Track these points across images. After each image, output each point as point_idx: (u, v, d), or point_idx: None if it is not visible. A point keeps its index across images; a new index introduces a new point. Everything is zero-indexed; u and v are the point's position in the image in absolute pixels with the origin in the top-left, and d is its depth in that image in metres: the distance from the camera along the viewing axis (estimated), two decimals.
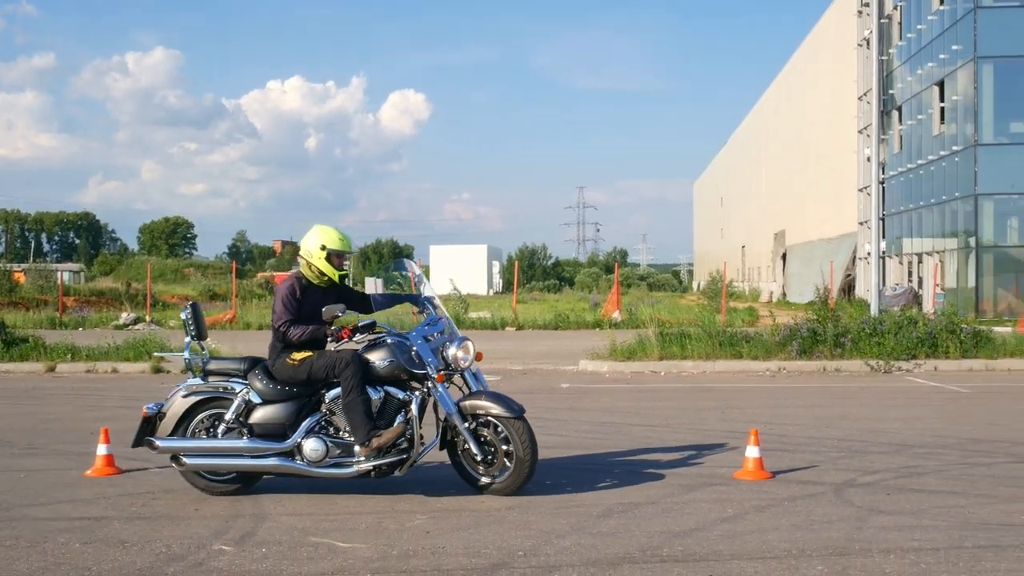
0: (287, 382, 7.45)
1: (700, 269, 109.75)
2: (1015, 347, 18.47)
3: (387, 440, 7.17)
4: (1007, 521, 6.58)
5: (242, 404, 7.48)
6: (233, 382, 7.59)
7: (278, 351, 7.53)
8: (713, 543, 6.08)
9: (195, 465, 7.44)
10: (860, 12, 47.22)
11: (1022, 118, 35.46)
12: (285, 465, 7.35)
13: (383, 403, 7.34)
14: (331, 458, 7.31)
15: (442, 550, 5.99)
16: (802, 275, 54.98)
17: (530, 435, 7.30)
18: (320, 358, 7.37)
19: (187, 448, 7.45)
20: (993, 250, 35.30)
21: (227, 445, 7.41)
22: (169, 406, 7.63)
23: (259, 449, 7.37)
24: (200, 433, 7.62)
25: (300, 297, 7.59)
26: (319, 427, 7.41)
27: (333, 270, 7.71)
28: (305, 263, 7.76)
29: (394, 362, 7.36)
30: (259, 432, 7.43)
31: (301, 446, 7.33)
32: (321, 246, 7.67)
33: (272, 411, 7.44)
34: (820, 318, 19.09)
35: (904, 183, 42.91)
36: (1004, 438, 10.07)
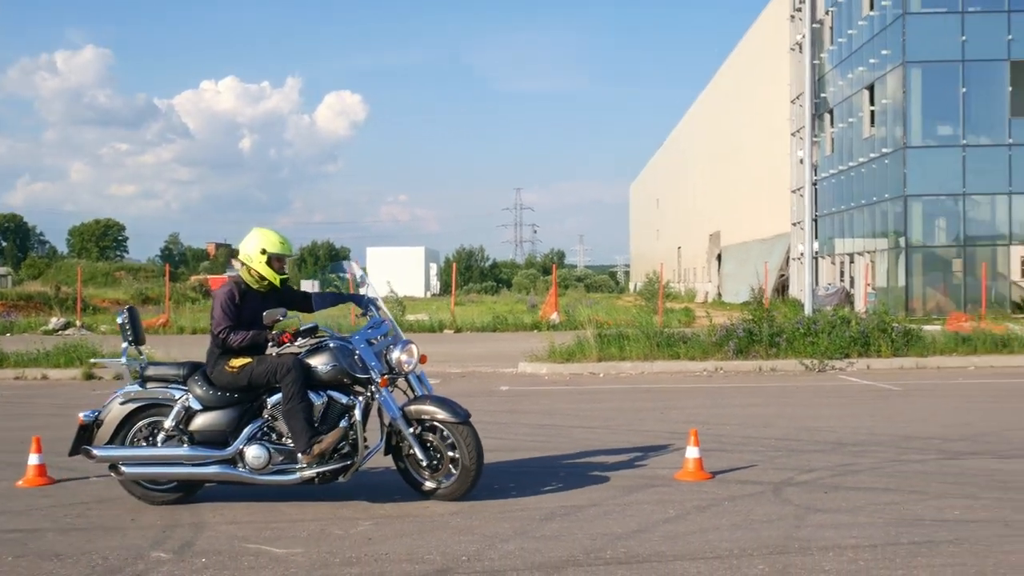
0: (227, 388, 7.34)
1: (637, 270, 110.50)
2: (944, 345, 18.85)
3: (328, 445, 7.09)
4: (940, 517, 6.71)
5: (182, 411, 7.36)
6: (172, 388, 7.46)
7: (217, 357, 7.41)
8: (655, 544, 6.12)
9: (134, 474, 7.31)
10: (792, 17, 47.93)
11: (949, 121, 36.20)
12: (227, 473, 7.24)
13: (326, 408, 7.25)
14: (274, 465, 7.21)
15: (385, 556, 5.96)
16: (737, 275, 55.65)
17: (476, 440, 7.25)
18: (260, 364, 7.27)
19: (126, 456, 7.31)
20: (922, 250, 36.00)
21: (167, 453, 7.28)
22: (106, 413, 7.47)
23: (200, 457, 7.25)
24: (139, 441, 7.48)
25: (239, 302, 7.48)
26: (261, 433, 7.32)
27: (274, 274, 7.61)
28: (244, 267, 7.65)
29: (336, 366, 7.27)
30: (200, 439, 7.31)
31: (243, 453, 7.22)
32: (261, 250, 7.57)
33: (213, 418, 7.33)
34: (756, 318, 19.31)
35: (836, 185, 43.61)
36: (935, 435, 10.27)
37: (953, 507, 6.99)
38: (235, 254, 7.73)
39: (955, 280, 35.79)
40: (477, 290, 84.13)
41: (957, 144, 35.51)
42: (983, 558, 5.70)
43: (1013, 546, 5.94)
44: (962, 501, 7.17)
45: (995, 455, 9.07)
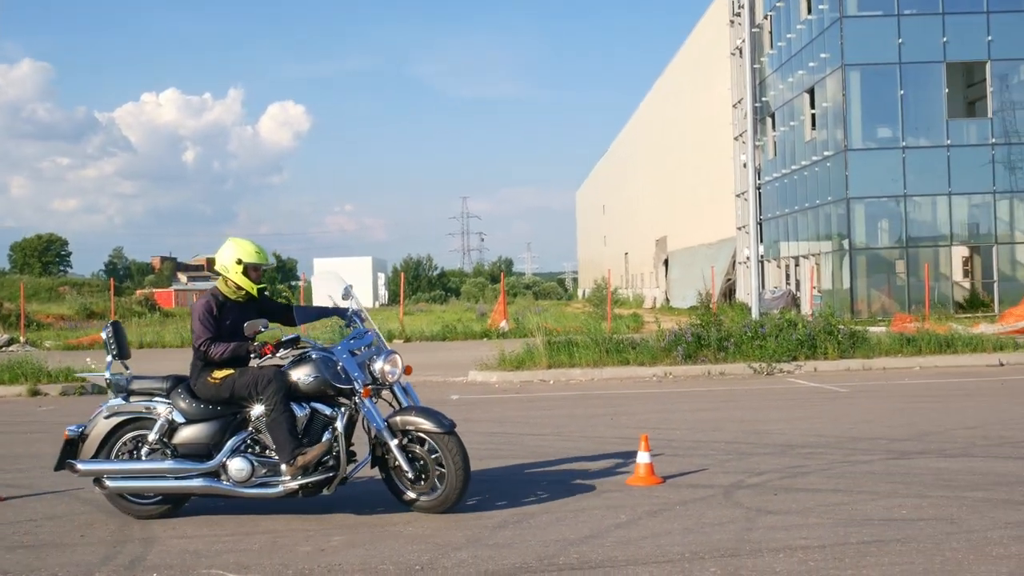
0: (210, 400, 7.29)
1: (585, 277, 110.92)
2: (889, 346, 19.12)
3: (312, 458, 7.01)
4: (888, 516, 6.80)
5: (165, 424, 7.31)
6: (156, 402, 7.41)
7: (199, 369, 7.35)
8: (608, 549, 6.15)
9: (118, 488, 7.26)
10: (732, 21, 48.44)
11: (888, 123, 36.81)
12: (210, 486, 7.17)
13: (309, 420, 7.18)
14: (257, 477, 7.14)
15: (338, 567, 5.93)
16: (684, 280, 56.07)
17: (462, 450, 7.14)
18: (242, 376, 7.21)
19: (109, 470, 7.26)
20: (866, 252, 36.52)
21: (150, 467, 7.22)
22: (91, 428, 7.43)
23: (183, 470, 7.19)
24: (124, 455, 7.43)
25: (218, 314, 7.41)
26: (245, 446, 7.25)
27: (250, 283, 7.55)
28: (221, 279, 7.60)
29: (319, 378, 7.20)
30: (183, 452, 7.26)
31: (226, 466, 7.15)
32: (237, 259, 7.51)
33: (196, 431, 7.28)
34: (704, 323, 19.47)
35: (779, 188, 44.11)
36: (882, 435, 10.41)
37: (901, 506, 7.10)
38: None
39: (899, 281, 36.34)
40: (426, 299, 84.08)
41: (897, 146, 36.11)
42: (930, 556, 5.79)
43: (959, 544, 6.04)
44: (910, 500, 7.28)
45: (941, 454, 9.22)
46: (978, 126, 36.88)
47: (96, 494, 7.67)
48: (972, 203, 36.62)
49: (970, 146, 36.17)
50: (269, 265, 7.79)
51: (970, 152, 35.97)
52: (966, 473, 8.24)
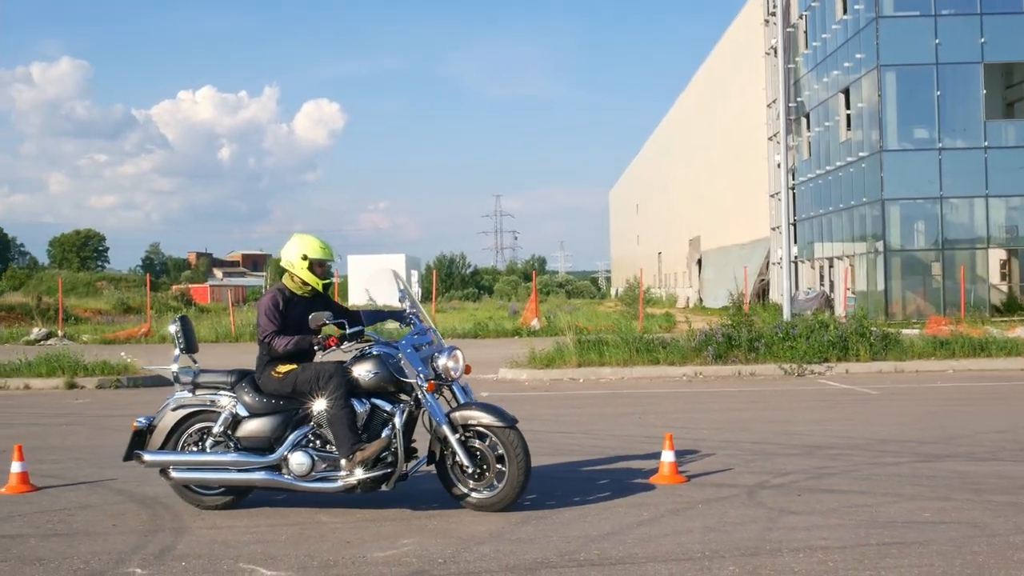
0: (274, 395, 7.39)
1: (618, 276, 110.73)
2: (922, 349, 19.02)
3: (371, 454, 7.05)
4: (911, 519, 6.81)
5: (229, 417, 7.42)
6: (221, 395, 7.52)
7: (264, 364, 7.45)
8: (629, 546, 6.21)
9: (183, 479, 7.39)
10: (767, 21, 48.20)
11: (925, 124, 36.51)
12: (271, 479, 7.27)
13: (369, 416, 7.24)
14: (317, 472, 7.19)
15: (363, 559, 6.03)
16: (717, 280, 55.84)
17: (524, 446, 7.13)
18: (305, 371, 7.29)
19: (174, 461, 7.39)
20: (901, 254, 36.26)
21: (213, 459, 7.34)
22: (159, 420, 7.58)
23: (245, 463, 7.29)
24: (189, 446, 7.56)
25: (284, 309, 7.49)
26: (307, 440, 7.31)
27: (316, 279, 7.63)
28: (287, 274, 7.69)
29: (380, 374, 7.24)
30: (246, 445, 7.36)
31: (287, 460, 7.23)
32: (302, 255, 7.59)
33: (259, 424, 7.37)
34: (735, 323, 19.43)
35: (814, 189, 43.86)
36: (910, 438, 10.39)
37: (925, 509, 7.10)
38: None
39: (934, 284, 36.05)
40: (459, 297, 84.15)
41: (933, 147, 35.80)
42: (950, 559, 5.80)
43: (980, 547, 6.04)
44: (934, 503, 7.28)
45: (969, 458, 9.19)
46: (1017, 127, 36.53)
47: (130, 484, 7.82)
48: (1010, 205, 36.25)
49: (1008, 148, 35.80)
50: (335, 260, 7.88)
51: (1008, 154, 35.60)
52: (993, 477, 8.22)
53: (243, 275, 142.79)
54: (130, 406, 14.62)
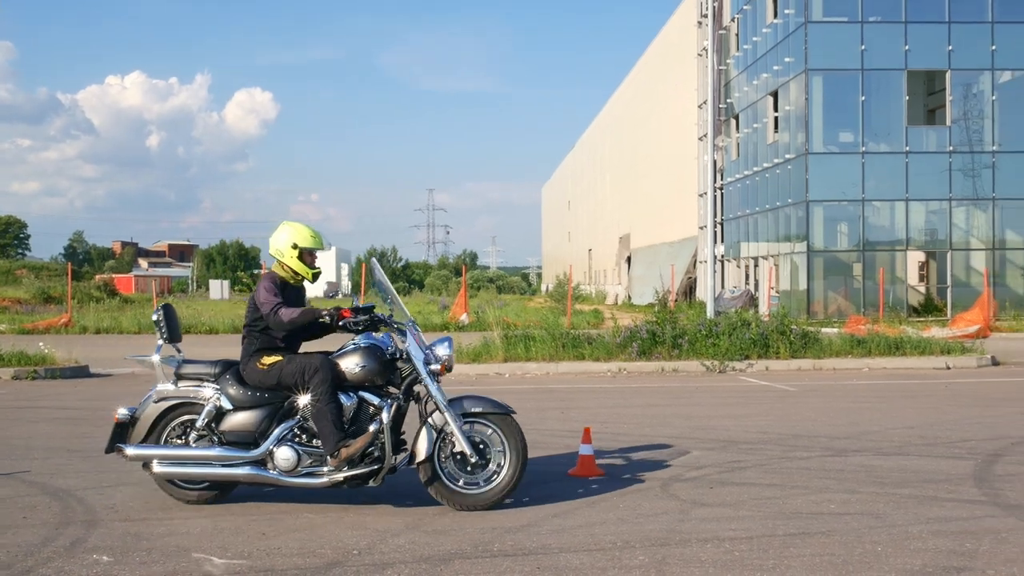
0: (258, 387, 7.27)
1: (548, 272, 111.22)
2: (840, 347, 19.43)
3: (356, 450, 6.94)
4: (817, 510, 7.01)
5: (213, 410, 7.28)
6: (205, 387, 7.38)
7: (250, 354, 7.33)
8: (543, 537, 6.31)
9: (166, 473, 7.24)
10: (700, 23, 48.77)
11: (849, 128, 37.27)
12: (256, 474, 7.14)
13: (357, 409, 7.13)
14: (303, 467, 7.10)
15: (277, 551, 6.05)
16: (646, 278, 56.40)
17: (522, 434, 7.17)
18: (290, 363, 7.18)
19: (157, 455, 7.23)
20: (823, 254, 36.97)
21: (197, 453, 7.20)
22: (141, 411, 7.42)
23: (230, 457, 7.16)
24: (173, 439, 7.41)
25: (280, 291, 7.41)
26: (292, 435, 7.19)
27: (306, 268, 7.55)
28: (277, 263, 7.60)
29: (368, 367, 7.15)
30: (230, 439, 7.24)
31: (273, 454, 7.11)
32: (293, 244, 7.50)
33: (243, 418, 7.25)
34: (659, 320, 19.70)
35: (742, 189, 44.51)
36: (822, 433, 10.65)
37: (831, 501, 7.30)
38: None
39: (855, 284, 36.82)
40: None
41: (857, 151, 36.57)
42: (851, 548, 5.99)
43: (880, 537, 6.25)
44: (840, 495, 7.49)
45: (876, 452, 9.45)
46: (937, 133, 37.43)
47: (43, 477, 7.72)
48: (929, 209, 37.16)
49: (929, 153, 36.71)
50: (325, 249, 7.78)
51: (929, 159, 36.50)
52: (897, 471, 8.47)
53: (169, 266, 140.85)
54: (45, 397, 14.42)
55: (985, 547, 6.01)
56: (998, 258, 36.91)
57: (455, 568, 5.67)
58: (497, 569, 5.65)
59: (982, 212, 36.88)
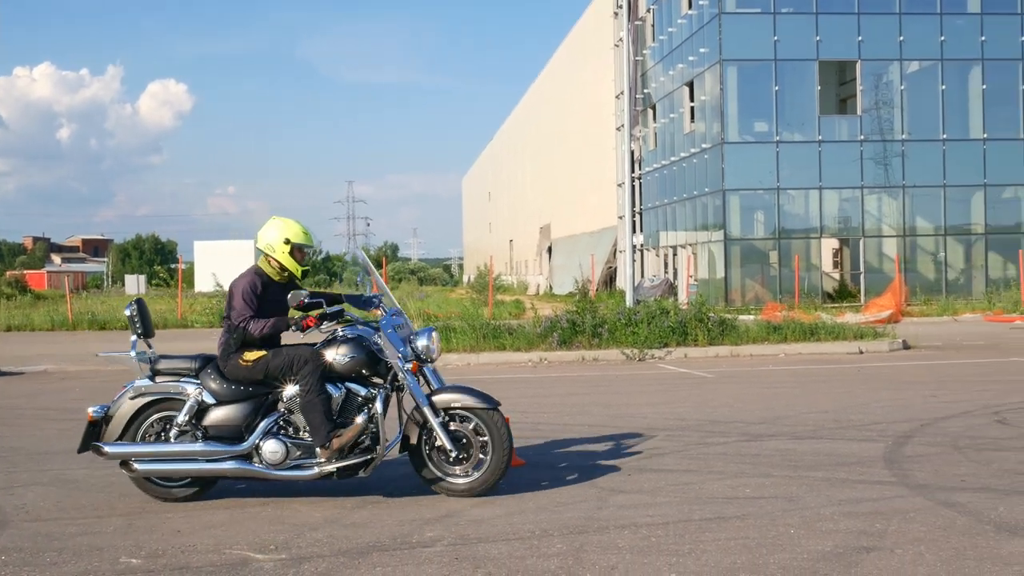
0: (242, 382, 7.14)
1: (470, 263, 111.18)
2: (757, 334, 19.75)
3: (347, 440, 6.91)
4: (733, 495, 7.12)
5: (195, 405, 7.12)
6: (184, 382, 7.21)
7: (230, 351, 7.18)
8: (462, 528, 6.32)
9: (147, 471, 7.06)
10: (616, 14, 49.05)
11: (764, 118, 37.84)
12: (243, 468, 7.02)
13: (344, 400, 7.07)
14: (292, 460, 7.01)
15: (192, 548, 5.97)
16: (566, 268, 56.70)
17: (507, 427, 7.15)
18: (276, 357, 7.06)
19: (138, 453, 7.04)
20: (741, 242, 37.50)
21: (181, 449, 7.03)
22: (115, 409, 7.20)
23: (215, 453, 7.02)
24: (151, 437, 7.23)
25: (261, 292, 7.26)
26: (277, 427, 7.11)
27: (296, 265, 7.41)
28: (263, 258, 7.44)
29: (356, 357, 7.09)
30: (214, 434, 7.10)
31: (260, 448, 7.01)
32: (284, 239, 7.36)
33: (227, 412, 7.12)
34: (579, 310, 19.82)
35: (659, 179, 44.95)
36: (739, 419, 10.81)
37: (746, 485, 7.43)
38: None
39: (772, 271, 37.43)
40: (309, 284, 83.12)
41: (771, 140, 37.15)
42: (765, 531, 6.10)
43: (793, 519, 6.37)
44: (755, 480, 7.62)
45: (791, 436, 9.62)
46: (849, 123, 38.19)
47: None
48: (842, 197, 37.91)
49: (841, 142, 37.44)
50: (315, 247, 7.66)
51: (841, 148, 37.23)
52: (811, 454, 8.64)
53: (83, 261, 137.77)
54: None
55: (894, 527, 6.16)
56: (909, 244, 37.81)
57: (373, 560, 5.66)
58: (415, 560, 5.64)
59: (893, 199, 37.73)
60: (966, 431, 9.66)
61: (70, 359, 18.96)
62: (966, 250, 38.52)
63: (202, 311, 31.06)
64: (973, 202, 37.97)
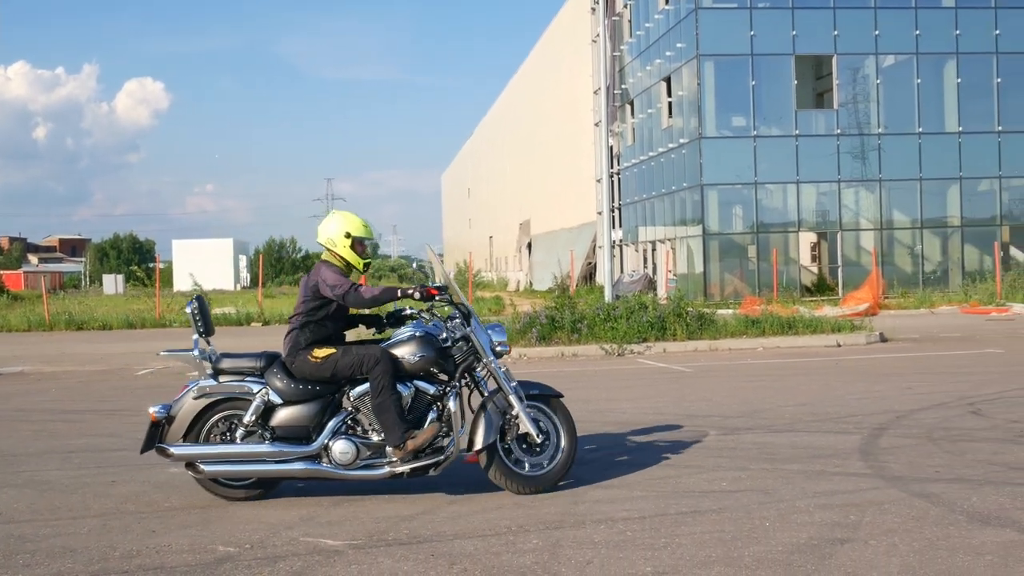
0: (309, 380, 7.04)
1: (449, 259, 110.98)
2: (735, 328, 19.81)
3: (423, 442, 6.87)
4: (709, 488, 7.14)
5: (261, 405, 7.01)
6: (249, 382, 7.09)
7: (299, 347, 7.10)
8: (438, 525, 6.32)
9: (214, 472, 6.96)
10: (593, 9, 49.08)
11: (741, 112, 37.91)
12: (313, 469, 6.93)
13: (412, 399, 7.02)
14: (361, 460, 6.95)
15: (167, 548, 5.94)
16: (546, 264, 56.70)
17: (571, 416, 7.31)
18: (346, 355, 6.99)
19: (205, 454, 6.94)
20: (719, 237, 37.59)
21: (249, 450, 6.93)
22: (178, 409, 7.07)
23: (284, 453, 6.92)
24: (215, 437, 7.12)
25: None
26: (345, 427, 7.05)
27: (358, 258, 7.35)
28: (328, 252, 7.37)
29: (426, 356, 7.03)
30: (282, 435, 7.00)
31: (329, 448, 6.93)
32: (346, 233, 7.29)
33: (295, 412, 7.03)
34: (558, 306, 19.84)
35: (638, 174, 45.01)
36: (716, 412, 10.85)
37: (723, 479, 7.45)
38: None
39: (750, 266, 37.52)
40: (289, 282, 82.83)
41: (749, 135, 37.22)
42: (740, 524, 6.13)
43: (768, 512, 6.40)
44: (732, 473, 7.65)
45: (768, 429, 9.66)
46: (826, 117, 38.29)
47: None
48: (820, 191, 38.03)
49: (818, 136, 37.54)
50: (375, 240, 7.58)
51: (818, 142, 37.33)
52: (788, 447, 8.68)
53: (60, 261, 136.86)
54: None
55: (868, 518, 6.20)
56: (886, 238, 37.98)
57: (348, 559, 5.65)
58: (391, 558, 5.64)
59: (870, 193, 37.89)
60: (941, 422, 9.73)
61: (46, 360, 18.85)
62: (943, 243, 38.72)
63: (180, 310, 30.89)
64: (949, 195, 38.18)
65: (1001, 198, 38.44)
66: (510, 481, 7.13)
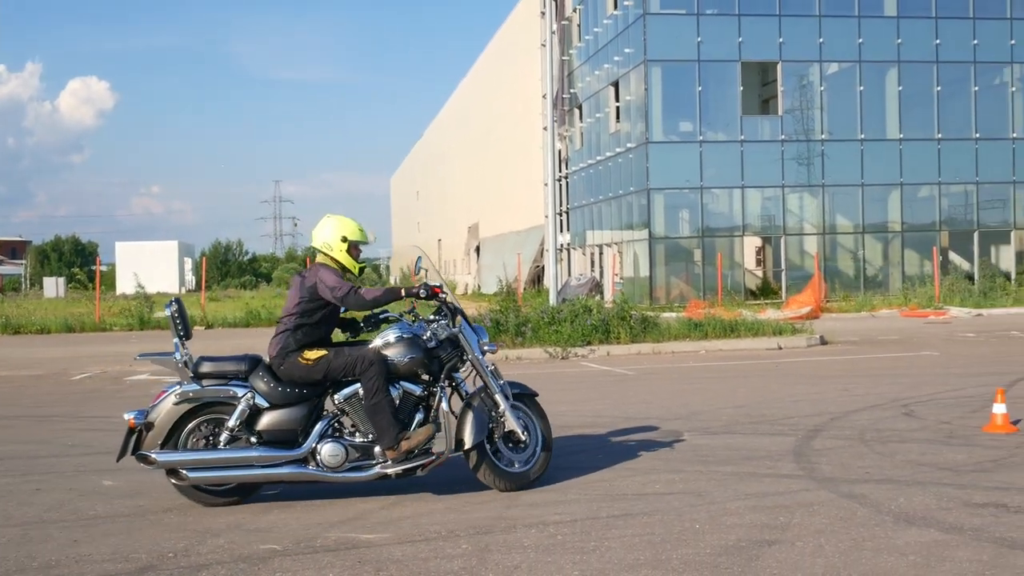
0: (297, 383, 6.93)
1: (398, 263, 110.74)
2: (678, 331, 19.91)
3: (416, 443, 6.86)
4: (642, 491, 7.14)
5: (247, 409, 6.85)
6: (233, 386, 6.92)
7: (290, 349, 6.97)
8: (367, 530, 6.25)
9: (199, 479, 6.77)
10: (543, 13, 49.15)
11: (688, 118, 38.18)
12: (301, 473, 6.81)
13: (400, 401, 6.99)
14: (350, 462, 6.87)
15: (88, 557, 5.82)
16: (494, 267, 56.66)
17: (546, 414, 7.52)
18: (338, 357, 6.90)
19: (190, 461, 6.74)
20: (665, 241, 37.81)
21: (236, 456, 6.76)
22: (157, 415, 6.85)
23: (272, 458, 6.78)
24: (198, 443, 6.92)
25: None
26: (331, 430, 6.96)
27: (354, 262, 7.30)
28: (323, 256, 7.26)
29: (415, 357, 7.01)
30: (268, 439, 6.86)
31: (318, 451, 6.83)
32: (342, 237, 7.23)
33: (282, 415, 6.89)
34: (503, 309, 19.84)
35: (586, 178, 45.16)
36: (655, 415, 10.87)
37: (656, 482, 7.46)
38: (314, 243, 7.23)
39: (696, 269, 37.79)
40: (235, 285, 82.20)
41: (695, 140, 37.50)
42: (670, 527, 6.13)
43: (699, 514, 6.41)
44: (666, 476, 7.66)
45: (704, 432, 9.70)
46: (771, 123, 38.70)
47: None
48: (764, 196, 38.41)
49: (763, 142, 37.92)
50: (370, 243, 7.55)
51: (763, 147, 37.71)
52: (723, 449, 8.72)
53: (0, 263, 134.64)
54: None
55: (797, 519, 6.23)
56: (829, 242, 38.44)
57: (274, 566, 5.56)
58: (317, 565, 5.56)
59: (813, 198, 38.32)
60: (874, 424, 9.83)
61: None
62: (884, 247, 39.26)
63: (121, 313, 30.48)
64: (890, 201, 38.73)
65: (940, 204, 39.10)
66: (498, 479, 7.19)
